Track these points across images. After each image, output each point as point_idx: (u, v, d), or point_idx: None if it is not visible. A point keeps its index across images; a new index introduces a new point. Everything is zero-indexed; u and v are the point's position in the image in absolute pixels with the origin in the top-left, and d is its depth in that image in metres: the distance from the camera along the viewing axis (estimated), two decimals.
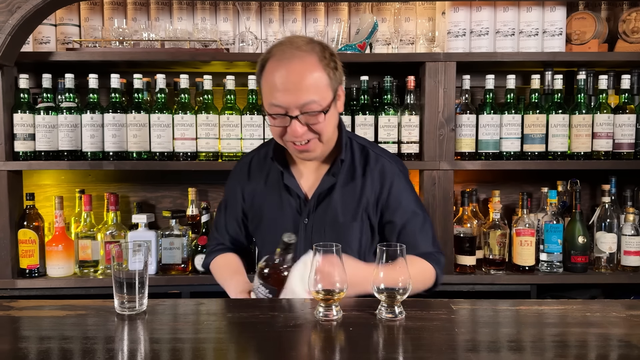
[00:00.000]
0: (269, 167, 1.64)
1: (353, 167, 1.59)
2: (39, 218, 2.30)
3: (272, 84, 1.40)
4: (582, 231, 2.30)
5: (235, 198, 1.69)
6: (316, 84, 1.40)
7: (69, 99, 2.29)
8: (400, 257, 1.18)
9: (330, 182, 1.56)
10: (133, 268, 1.21)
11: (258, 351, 1.05)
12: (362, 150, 1.61)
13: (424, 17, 2.46)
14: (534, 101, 2.32)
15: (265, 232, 1.63)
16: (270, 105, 1.42)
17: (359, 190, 1.56)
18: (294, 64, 1.39)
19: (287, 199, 1.59)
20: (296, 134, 1.42)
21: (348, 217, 1.56)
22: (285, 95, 1.38)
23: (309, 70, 1.39)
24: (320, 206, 1.57)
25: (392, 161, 1.61)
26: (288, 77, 1.38)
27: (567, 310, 1.26)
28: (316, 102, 1.40)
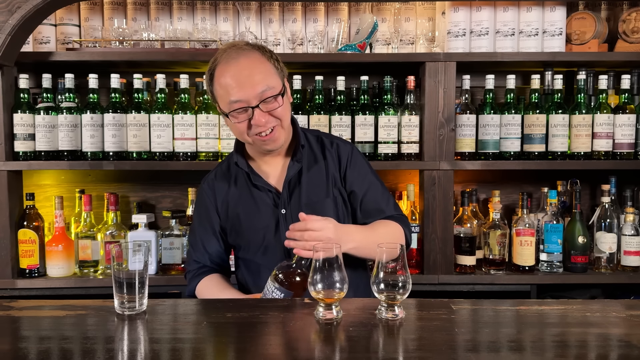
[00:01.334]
0: (234, 177, 1.70)
1: (312, 152, 1.69)
2: (39, 218, 2.30)
3: (226, 84, 1.50)
4: (582, 231, 2.30)
5: (208, 213, 1.70)
6: (266, 73, 1.51)
7: (69, 99, 2.29)
8: (401, 259, 1.18)
9: (296, 168, 1.63)
10: (133, 268, 1.21)
11: (258, 351, 1.05)
12: (317, 138, 1.72)
13: (424, 17, 2.46)
14: (534, 101, 2.32)
15: (247, 235, 1.66)
16: (230, 104, 1.50)
17: (323, 170, 1.67)
18: (242, 61, 1.50)
19: (260, 198, 1.64)
20: (260, 123, 1.50)
21: (321, 195, 1.64)
22: (242, 89, 1.48)
23: (256, 62, 1.51)
24: (294, 194, 1.63)
25: (344, 142, 1.74)
26: (240, 72, 1.49)
27: (567, 310, 1.26)
28: (271, 89, 1.50)
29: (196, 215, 1.75)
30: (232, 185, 1.69)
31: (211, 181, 1.73)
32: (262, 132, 1.52)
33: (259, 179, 1.64)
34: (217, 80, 1.53)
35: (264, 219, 1.63)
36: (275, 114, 1.52)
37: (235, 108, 1.50)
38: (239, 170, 1.68)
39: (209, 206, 1.70)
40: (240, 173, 1.68)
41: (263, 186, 1.63)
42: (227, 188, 1.69)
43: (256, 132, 1.52)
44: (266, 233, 1.63)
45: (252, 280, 1.68)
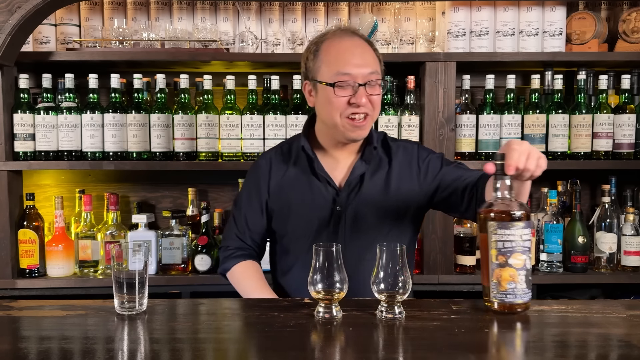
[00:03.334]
0: (295, 158, 1.65)
1: (378, 154, 1.63)
2: (39, 218, 2.30)
3: (340, 55, 1.49)
4: (582, 231, 2.30)
5: (259, 190, 1.65)
6: (375, 59, 1.53)
7: (69, 99, 2.29)
8: (401, 258, 1.18)
9: (363, 168, 1.59)
10: (133, 268, 1.21)
11: (258, 351, 1.05)
12: (384, 141, 1.67)
13: (424, 17, 2.46)
14: (534, 101, 2.32)
15: (295, 223, 1.61)
16: (337, 74, 1.48)
17: (387, 173, 1.61)
18: (357, 40, 1.53)
19: (317, 188, 1.60)
20: (360, 102, 1.48)
21: (380, 198, 1.59)
22: (355, 64, 1.47)
23: (368, 47, 1.53)
24: (353, 192, 1.59)
25: (409, 143, 1.70)
26: (355, 48, 1.50)
27: (567, 310, 1.26)
28: (377, 74, 1.51)
29: (245, 189, 1.69)
30: (290, 168, 1.63)
31: (269, 158, 1.67)
32: (355, 115, 1.49)
33: (322, 169, 1.59)
34: (327, 48, 1.51)
35: (317, 210, 1.59)
36: (372, 100, 1.50)
37: (342, 80, 1.47)
38: (300, 155, 1.62)
39: (261, 182, 1.65)
40: (302, 158, 1.62)
41: (324, 177, 1.59)
42: (284, 169, 1.64)
43: (350, 113, 1.49)
44: (316, 225, 1.58)
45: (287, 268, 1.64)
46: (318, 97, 1.55)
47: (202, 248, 2.31)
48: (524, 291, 1.17)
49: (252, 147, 2.29)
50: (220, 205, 2.58)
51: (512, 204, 1.19)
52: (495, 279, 1.17)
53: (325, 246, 1.18)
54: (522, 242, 1.16)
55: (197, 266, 2.31)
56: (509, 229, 1.16)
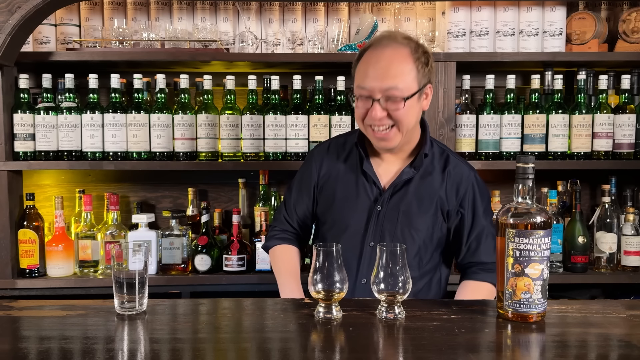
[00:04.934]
0: (347, 153, 1.69)
1: (432, 165, 1.63)
2: (39, 218, 2.30)
3: (363, 68, 1.52)
4: (582, 231, 2.30)
5: (310, 176, 1.72)
6: (402, 72, 1.49)
7: (69, 99, 2.29)
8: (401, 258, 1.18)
9: (410, 174, 1.60)
10: (133, 268, 1.21)
11: (258, 351, 1.05)
12: (442, 152, 1.66)
13: (424, 17, 2.46)
14: (534, 101, 2.32)
15: (335, 215, 1.65)
16: (357, 88, 1.53)
17: (436, 187, 1.60)
18: (387, 52, 1.50)
19: (363, 185, 1.63)
20: (375, 117, 1.49)
21: (422, 209, 1.59)
22: (371, 79, 1.49)
23: (399, 59, 1.49)
24: (395, 196, 1.60)
25: (470, 168, 1.66)
26: (378, 63, 1.49)
27: (567, 310, 1.26)
28: (398, 89, 1.48)
29: (298, 176, 1.77)
30: (340, 161, 1.68)
31: (324, 149, 1.73)
32: (375, 127, 1.52)
33: (371, 168, 1.62)
34: (361, 61, 1.54)
35: (358, 207, 1.62)
36: (394, 114, 1.49)
37: (359, 94, 1.52)
38: (353, 150, 1.67)
39: (313, 171, 1.71)
40: (354, 154, 1.66)
41: (371, 176, 1.61)
42: (335, 161, 1.69)
43: (370, 123, 1.52)
44: (354, 222, 1.61)
45: None
46: None
47: (202, 248, 2.31)
48: (539, 301, 1.14)
49: (252, 147, 2.29)
50: (220, 205, 2.58)
51: (532, 210, 1.16)
52: (510, 287, 1.15)
53: (325, 246, 1.18)
54: (541, 252, 1.13)
55: (197, 266, 2.31)
56: (528, 237, 1.13)
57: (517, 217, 1.16)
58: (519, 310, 1.15)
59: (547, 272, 1.15)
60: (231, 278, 2.29)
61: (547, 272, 1.15)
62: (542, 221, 1.14)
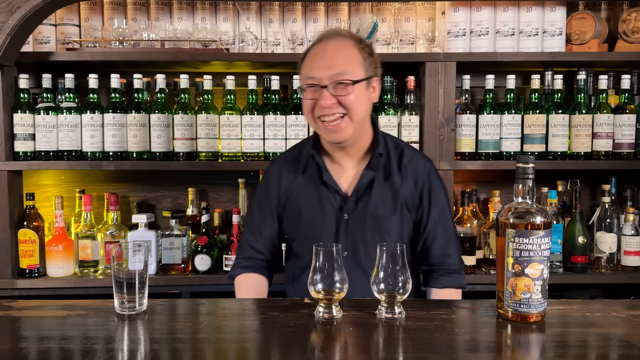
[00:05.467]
0: (304, 165, 1.66)
1: (389, 162, 1.63)
2: (39, 218, 2.30)
3: (309, 62, 1.52)
4: (582, 231, 2.30)
5: (270, 196, 1.68)
6: (348, 58, 1.50)
7: (69, 99, 2.29)
8: (401, 258, 1.18)
9: (370, 176, 1.59)
10: (133, 268, 1.21)
11: (258, 351, 1.05)
12: (396, 147, 1.66)
13: (424, 17, 2.46)
14: (534, 101, 2.32)
15: (303, 231, 1.64)
16: (305, 79, 1.52)
17: (397, 185, 1.61)
18: (332, 42, 1.52)
19: (326, 197, 1.61)
20: (325, 104, 1.47)
21: (387, 210, 1.59)
22: (319, 68, 1.49)
23: (344, 47, 1.51)
24: (360, 201, 1.59)
25: (425, 160, 1.67)
26: (324, 52, 1.51)
27: (567, 310, 1.26)
28: (347, 74, 1.48)
29: (257, 197, 1.73)
30: (299, 175, 1.65)
31: (280, 164, 1.70)
32: (325, 118, 1.49)
33: (331, 178, 1.60)
34: (306, 58, 1.54)
35: (325, 219, 1.60)
36: (343, 101, 1.48)
37: (307, 83, 1.50)
38: (310, 161, 1.64)
39: (272, 189, 1.68)
40: (311, 165, 1.64)
41: (332, 186, 1.60)
42: (294, 175, 1.66)
43: (319, 115, 1.50)
44: (323, 233, 1.59)
45: (298, 273, 1.65)
46: None
47: (202, 248, 2.31)
48: (539, 301, 1.14)
49: (252, 147, 2.29)
50: (220, 205, 2.58)
51: (532, 210, 1.16)
52: (510, 287, 1.15)
53: (325, 246, 1.18)
54: (541, 252, 1.13)
55: (197, 266, 2.31)
56: (528, 237, 1.13)
57: (517, 217, 1.16)
58: (519, 310, 1.15)
59: (547, 272, 1.15)
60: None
61: (547, 272, 1.15)
62: (542, 221, 1.14)
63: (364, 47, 1.53)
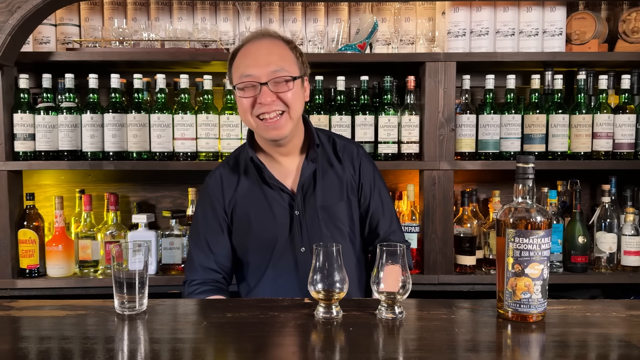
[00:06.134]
0: (244, 170, 1.64)
1: (326, 153, 1.66)
2: (39, 218, 2.30)
3: (243, 59, 1.52)
4: (582, 231, 2.30)
5: (214, 211, 1.63)
6: (284, 56, 1.52)
7: (69, 99, 2.29)
8: (401, 258, 1.18)
9: (311, 168, 1.61)
10: (133, 268, 1.21)
11: (258, 351, 1.05)
12: (329, 138, 1.70)
13: (424, 17, 2.46)
14: (534, 101, 2.32)
15: (257, 236, 1.61)
16: (240, 77, 1.50)
17: (338, 172, 1.65)
18: (264, 41, 1.53)
19: (272, 197, 1.61)
20: (265, 101, 1.48)
21: (335, 198, 1.63)
22: (255, 65, 1.49)
23: (277, 46, 1.53)
24: (308, 195, 1.61)
25: (356, 145, 1.73)
26: (259, 50, 1.51)
27: (567, 310, 1.26)
28: (285, 70, 1.50)
29: (200, 213, 1.66)
30: (241, 182, 1.63)
31: (218, 176, 1.65)
32: (265, 115, 1.49)
33: (273, 177, 1.59)
34: (237, 56, 1.54)
35: (276, 219, 1.59)
36: (283, 97, 1.49)
37: (244, 81, 1.49)
38: (249, 166, 1.62)
39: (214, 202, 1.63)
40: (251, 169, 1.62)
41: (276, 185, 1.59)
42: (235, 184, 1.63)
43: (259, 113, 1.49)
44: (278, 234, 1.59)
45: (253, 283, 1.63)
46: (236, 103, 1.58)
47: None
48: (539, 301, 1.15)
49: None
50: None
51: (532, 210, 1.16)
52: (510, 287, 1.16)
53: (325, 246, 1.18)
54: (541, 252, 1.14)
55: None
56: (528, 237, 1.13)
57: (517, 217, 1.16)
58: (519, 310, 1.15)
59: (547, 272, 1.15)
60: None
61: (547, 272, 1.15)
62: (542, 221, 1.15)
63: (295, 47, 1.56)
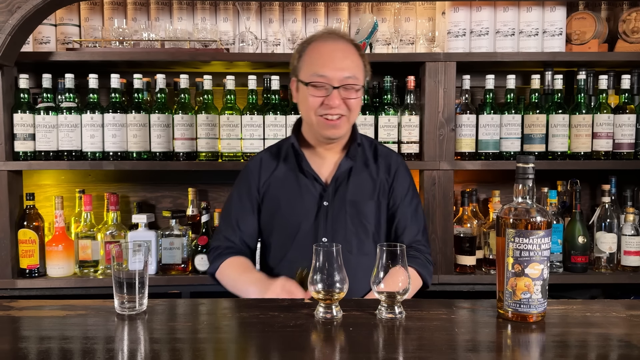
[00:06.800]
0: (284, 157, 1.73)
1: (365, 154, 1.72)
2: (39, 218, 2.30)
3: (319, 56, 1.57)
4: (582, 231, 2.30)
5: (250, 192, 1.72)
6: (356, 64, 1.59)
7: (69, 99, 2.29)
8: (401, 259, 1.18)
9: (348, 164, 1.67)
10: (133, 268, 1.21)
11: (258, 351, 1.05)
12: (371, 144, 1.77)
13: (424, 17, 2.46)
14: (534, 101, 2.32)
15: (283, 220, 1.67)
16: (313, 75, 1.56)
17: (373, 174, 1.70)
18: (341, 44, 1.59)
19: (305, 185, 1.67)
20: (333, 104, 1.55)
21: (365, 196, 1.67)
22: (331, 67, 1.55)
23: (351, 52, 1.59)
24: (340, 189, 1.66)
25: (397, 155, 1.79)
26: (334, 52, 1.57)
27: (567, 310, 1.26)
28: (356, 79, 1.57)
29: (236, 192, 1.75)
30: (279, 167, 1.71)
31: (258, 160, 1.75)
32: (329, 115, 1.56)
33: (310, 166, 1.67)
34: (310, 49, 1.59)
35: (305, 206, 1.65)
36: (348, 103, 1.57)
37: (316, 81, 1.55)
38: (289, 154, 1.71)
39: (251, 183, 1.72)
40: (291, 156, 1.70)
41: (311, 174, 1.66)
42: (273, 169, 1.71)
43: (324, 113, 1.56)
44: (303, 221, 1.64)
45: (274, 264, 1.69)
46: (299, 95, 1.64)
47: (202, 248, 2.31)
48: (539, 301, 1.15)
49: (252, 147, 2.29)
50: (220, 205, 2.57)
51: (532, 210, 1.16)
52: (510, 287, 1.16)
53: (325, 246, 1.18)
54: (541, 252, 1.14)
55: (197, 266, 2.31)
56: (528, 237, 1.13)
57: (517, 217, 1.16)
58: (519, 310, 1.15)
59: (547, 272, 1.15)
60: None
61: (547, 272, 1.15)
62: (542, 221, 1.15)
63: (363, 54, 1.63)
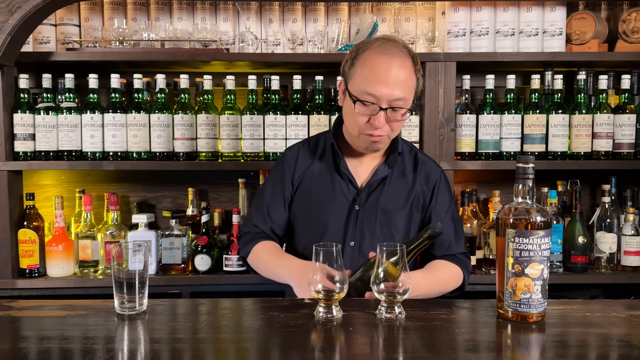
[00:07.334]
0: (321, 153, 1.70)
1: (404, 163, 1.69)
2: (39, 218, 2.30)
3: (371, 72, 1.49)
4: (582, 231, 2.30)
5: (283, 182, 1.69)
6: (408, 84, 1.51)
7: (69, 99, 2.29)
8: (402, 258, 1.18)
9: (385, 172, 1.64)
10: (133, 268, 1.21)
11: (258, 351, 1.05)
12: (411, 150, 1.72)
13: (424, 17, 2.46)
14: (534, 101, 2.32)
15: (312, 217, 1.65)
16: (363, 93, 1.49)
17: (409, 183, 1.66)
18: (396, 60, 1.48)
19: (339, 185, 1.64)
20: (379, 125, 1.50)
21: (398, 205, 1.64)
22: (382, 87, 1.47)
23: (406, 70, 1.50)
24: (373, 194, 1.63)
25: (437, 165, 1.74)
26: (390, 70, 1.48)
27: (567, 310, 1.26)
28: (404, 101, 1.50)
29: (269, 181, 1.73)
30: (315, 162, 1.68)
31: (296, 150, 1.72)
32: (372, 133, 1.52)
33: (347, 168, 1.64)
34: (364, 59, 1.51)
35: (336, 207, 1.63)
36: (392, 125, 1.53)
37: (365, 99, 1.49)
38: (326, 152, 1.68)
39: (286, 174, 1.69)
40: (327, 155, 1.67)
41: (347, 175, 1.63)
42: (309, 164, 1.69)
43: (370, 131, 1.52)
44: (332, 221, 1.62)
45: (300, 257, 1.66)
46: (345, 103, 1.58)
47: (202, 248, 2.31)
48: (539, 301, 1.15)
49: (252, 147, 2.29)
50: (220, 205, 2.58)
51: (532, 210, 1.16)
52: (510, 287, 1.16)
53: (325, 246, 1.18)
54: (541, 252, 1.14)
55: (197, 266, 2.31)
56: (528, 237, 1.13)
57: (517, 217, 1.16)
58: (519, 310, 1.15)
59: (547, 272, 1.15)
60: (231, 278, 2.29)
61: (547, 272, 1.15)
62: (542, 221, 1.14)
63: (419, 69, 1.54)
